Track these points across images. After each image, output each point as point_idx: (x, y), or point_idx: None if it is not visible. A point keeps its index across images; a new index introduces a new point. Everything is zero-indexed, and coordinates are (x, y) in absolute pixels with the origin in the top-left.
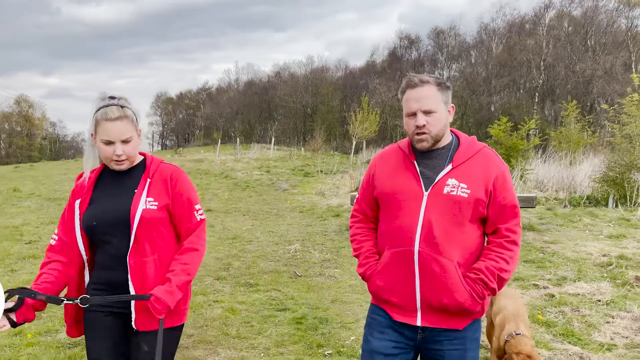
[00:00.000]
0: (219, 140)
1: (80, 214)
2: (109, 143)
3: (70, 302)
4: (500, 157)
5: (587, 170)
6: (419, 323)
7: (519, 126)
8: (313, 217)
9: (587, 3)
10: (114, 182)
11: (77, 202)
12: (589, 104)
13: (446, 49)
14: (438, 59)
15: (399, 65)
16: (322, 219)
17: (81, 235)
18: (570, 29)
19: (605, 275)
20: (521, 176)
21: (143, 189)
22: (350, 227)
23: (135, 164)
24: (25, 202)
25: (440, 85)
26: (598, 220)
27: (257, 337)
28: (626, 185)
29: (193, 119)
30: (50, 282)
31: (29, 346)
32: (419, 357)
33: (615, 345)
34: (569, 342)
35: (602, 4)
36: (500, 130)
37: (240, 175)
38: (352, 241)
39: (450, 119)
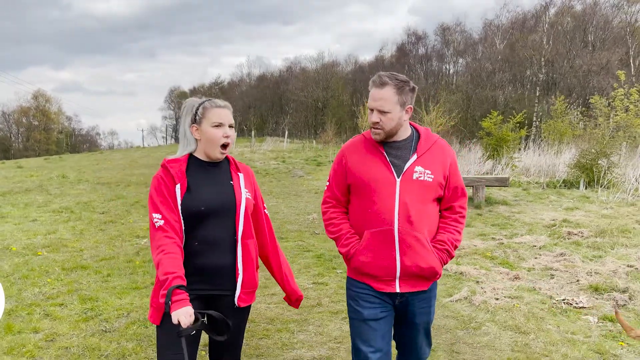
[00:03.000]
0: (236, 133)
1: (180, 199)
2: (220, 125)
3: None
4: (450, 146)
5: (567, 158)
6: (398, 290)
7: (508, 119)
8: None
9: (587, 0)
10: (207, 173)
11: (178, 186)
12: (588, 98)
13: (452, 45)
14: (445, 54)
15: (407, 59)
16: None
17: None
18: (571, 24)
19: (547, 232)
20: (507, 163)
21: (239, 181)
22: (324, 212)
23: (220, 159)
24: (79, 186)
25: (400, 88)
26: (563, 198)
27: (291, 264)
28: (595, 170)
29: None
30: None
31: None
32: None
33: (534, 268)
34: (502, 267)
35: (603, 0)
36: (491, 123)
37: (258, 165)
38: (328, 224)
39: (406, 117)
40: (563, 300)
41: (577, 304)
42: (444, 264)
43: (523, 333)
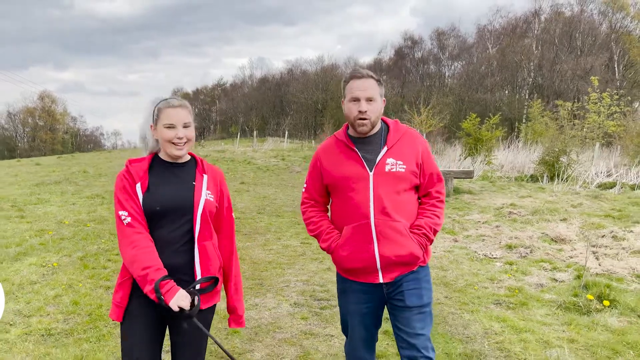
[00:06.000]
0: (238, 133)
1: (141, 197)
2: (171, 127)
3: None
4: (421, 135)
5: (535, 156)
6: (381, 280)
7: (491, 120)
8: None
9: (575, 8)
10: (169, 173)
11: (138, 184)
12: (573, 101)
13: (448, 49)
14: (440, 58)
15: (404, 63)
16: None
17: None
18: (558, 30)
19: (494, 212)
20: (483, 161)
21: (202, 182)
22: (304, 212)
23: (186, 160)
24: (101, 179)
25: (378, 81)
26: (522, 189)
27: (286, 232)
28: (556, 166)
29: (209, 113)
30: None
31: None
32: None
33: (471, 235)
34: (447, 234)
35: (589, 8)
36: (470, 124)
37: (260, 162)
38: (308, 223)
39: (382, 110)
40: (483, 253)
41: (491, 255)
42: (425, 247)
43: (444, 270)
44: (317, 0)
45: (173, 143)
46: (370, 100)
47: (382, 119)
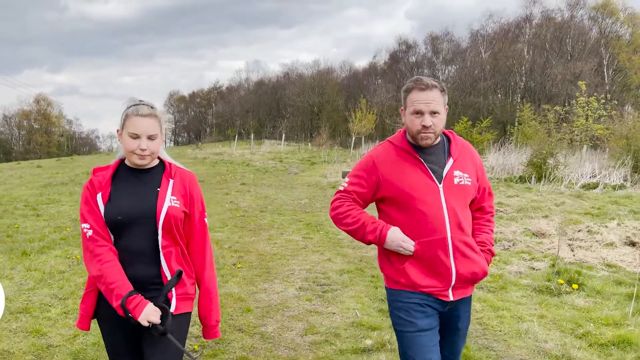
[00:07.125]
0: (236, 136)
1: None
2: (136, 137)
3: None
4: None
5: (524, 159)
6: (451, 298)
7: (482, 123)
8: (317, 188)
9: (565, 13)
10: (134, 180)
11: (99, 195)
12: (564, 105)
13: (441, 53)
14: (434, 62)
15: (398, 67)
16: (323, 189)
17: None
18: (549, 35)
19: None
20: None
21: (167, 188)
22: (338, 206)
23: (153, 165)
24: None
25: (443, 90)
26: (511, 189)
27: (287, 228)
28: (543, 167)
29: (205, 116)
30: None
31: None
32: None
33: None
34: None
35: (579, 14)
36: (462, 127)
37: (258, 164)
38: (345, 217)
39: (445, 121)
40: None
41: None
42: (489, 264)
43: None
44: (313, 3)
45: (135, 153)
46: (435, 113)
47: None
